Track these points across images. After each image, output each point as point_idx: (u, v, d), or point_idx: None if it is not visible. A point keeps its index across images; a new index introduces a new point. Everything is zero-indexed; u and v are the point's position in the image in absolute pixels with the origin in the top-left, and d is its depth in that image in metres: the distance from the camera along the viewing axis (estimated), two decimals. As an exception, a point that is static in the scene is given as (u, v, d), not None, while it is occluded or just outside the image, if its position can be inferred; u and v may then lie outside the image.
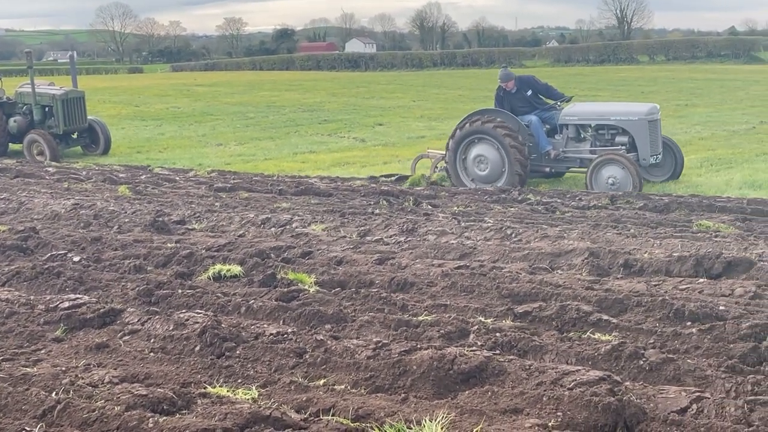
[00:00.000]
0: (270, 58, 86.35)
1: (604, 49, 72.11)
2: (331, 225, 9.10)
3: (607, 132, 13.57)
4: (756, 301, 5.75)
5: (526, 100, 14.20)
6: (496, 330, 5.03)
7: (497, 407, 3.91)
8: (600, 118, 13.65)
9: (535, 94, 14.35)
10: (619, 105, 15.93)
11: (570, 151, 13.77)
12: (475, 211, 10.35)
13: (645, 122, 13.17)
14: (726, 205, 10.48)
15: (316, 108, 32.41)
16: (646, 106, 13.65)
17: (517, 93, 14.18)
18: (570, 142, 13.79)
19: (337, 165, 17.64)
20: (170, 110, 32.62)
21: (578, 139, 13.81)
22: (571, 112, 13.89)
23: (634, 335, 5.03)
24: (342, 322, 5.35)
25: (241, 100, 36.50)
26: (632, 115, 13.35)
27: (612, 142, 13.49)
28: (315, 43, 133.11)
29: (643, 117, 13.21)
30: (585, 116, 13.84)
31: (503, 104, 14.24)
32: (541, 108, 14.22)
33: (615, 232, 8.48)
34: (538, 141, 13.76)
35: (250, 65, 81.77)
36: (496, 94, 14.51)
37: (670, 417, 3.72)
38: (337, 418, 3.81)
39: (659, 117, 13.58)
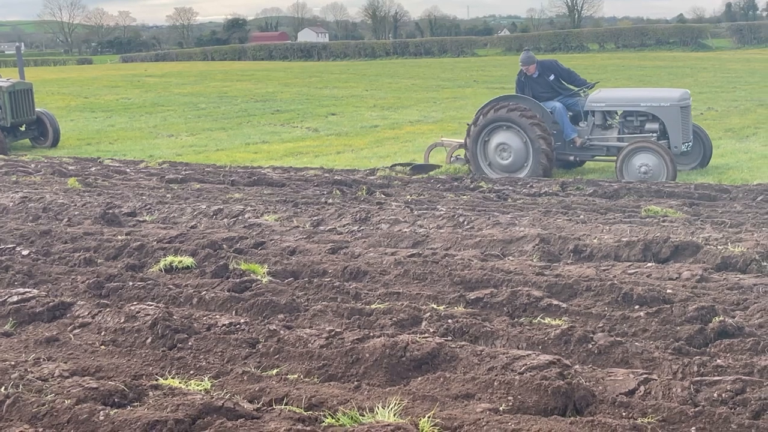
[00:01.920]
0: (221, 48, 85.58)
1: (555, 37, 72.61)
2: (284, 215, 9.08)
3: (636, 119, 13.10)
4: (702, 284, 5.86)
5: (549, 86, 13.68)
6: (448, 317, 5.06)
7: (449, 393, 3.95)
8: (629, 104, 13.16)
9: (558, 80, 13.80)
10: (649, 91, 15.24)
11: (596, 138, 13.28)
12: (427, 200, 10.39)
13: (677, 108, 12.70)
14: (674, 190, 10.64)
15: (268, 98, 32.25)
16: (677, 92, 13.21)
17: (539, 78, 13.65)
18: (596, 130, 13.31)
19: (290, 155, 17.59)
20: (120, 101, 32.24)
21: (604, 127, 13.35)
22: (597, 98, 13.36)
23: (583, 319, 5.10)
24: (295, 312, 5.36)
25: (192, 91, 36.18)
26: (664, 101, 12.84)
27: (641, 129, 13.01)
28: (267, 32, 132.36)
29: (676, 103, 12.74)
30: (613, 102, 13.35)
31: (524, 90, 13.71)
32: (565, 94, 13.71)
33: (565, 218, 8.57)
34: (563, 128, 13.27)
35: (202, 55, 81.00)
36: (517, 79, 13.95)
37: (619, 399, 3.78)
38: (290, 407, 3.81)
39: (690, 103, 13.19)
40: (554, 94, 13.67)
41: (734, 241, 7.02)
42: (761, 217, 8.66)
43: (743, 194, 10.30)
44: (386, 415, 3.64)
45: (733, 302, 5.37)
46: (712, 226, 8.02)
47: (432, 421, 3.56)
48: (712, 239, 7.16)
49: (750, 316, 5.06)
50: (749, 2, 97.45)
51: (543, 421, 3.56)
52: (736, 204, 9.73)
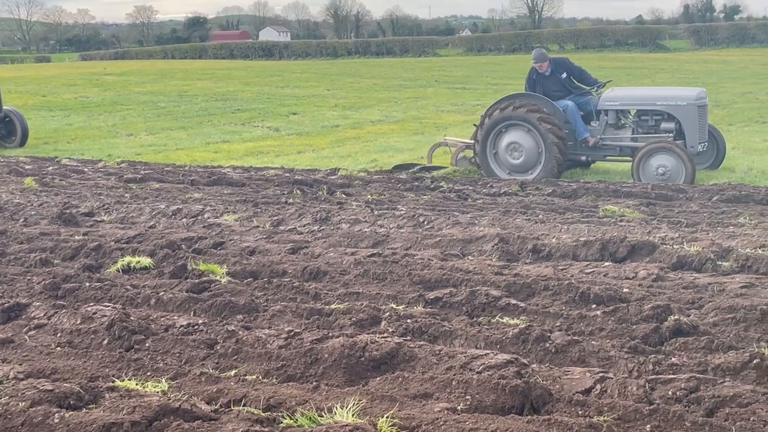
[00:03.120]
0: (182, 46, 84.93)
1: (516, 38, 73.07)
2: (244, 215, 9.04)
3: (651, 118, 12.83)
4: (658, 283, 5.93)
5: (561, 84, 13.39)
6: (408, 316, 5.07)
7: (407, 392, 3.96)
8: (645, 103, 12.88)
9: (569, 78, 13.52)
10: (665, 90, 15.13)
11: (609, 138, 13.00)
12: (388, 199, 10.41)
13: (694, 108, 12.43)
14: (631, 190, 10.76)
15: (229, 97, 32.08)
16: (694, 91, 12.93)
17: (551, 76, 13.36)
18: (608, 129, 13.03)
19: (250, 154, 17.52)
20: (79, 100, 31.88)
21: (618, 126, 13.10)
22: (611, 97, 13.09)
23: (541, 318, 5.14)
24: (254, 312, 5.34)
25: (152, 89, 35.88)
26: (681, 100, 12.57)
27: (657, 128, 12.75)
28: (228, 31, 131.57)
29: (693, 102, 12.47)
30: (628, 101, 13.08)
31: (535, 88, 13.43)
32: (576, 93, 13.45)
33: (524, 218, 8.63)
34: (575, 127, 12.98)
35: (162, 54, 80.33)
36: (527, 76, 13.66)
37: (575, 397, 3.82)
38: (248, 409, 3.79)
39: (707, 102, 12.95)
40: (566, 92, 13.40)
41: (690, 240, 7.12)
42: (716, 217, 8.79)
43: (699, 194, 10.44)
44: (344, 416, 3.63)
45: (688, 301, 5.44)
46: (669, 225, 8.13)
47: (390, 421, 3.56)
48: (668, 239, 7.25)
49: (705, 314, 5.13)
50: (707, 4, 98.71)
51: (500, 420, 3.58)
52: (693, 204, 9.87)
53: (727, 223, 8.35)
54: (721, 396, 3.73)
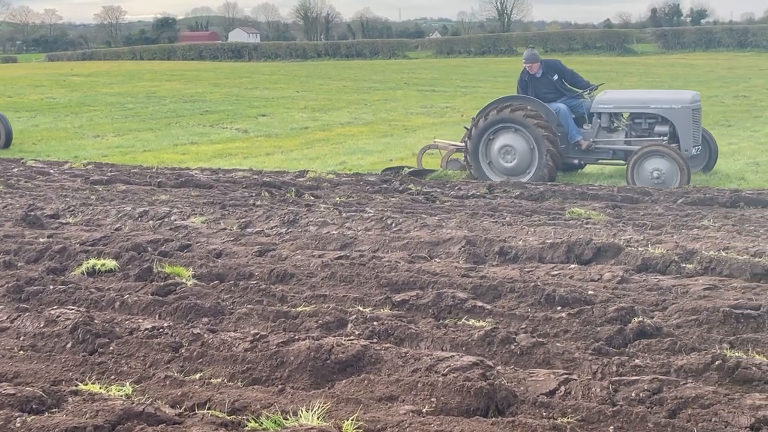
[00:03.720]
0: (150, 47, 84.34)
1: (485, 41, 73.26)
2: (211, 217, 9.00)
3: (645, 121, 12.76)
4: (623, 285, 5.98)
5: (553, 86, 13.31)
6: (374, 319, 5.07)
7: (373, 395, 3.96)
8: (638, 106, 12.85)
9: (561, 80, 13.45)
10: (658, 92, 15.07)
11: (602, 141, 12.92)
12: (356, 202, 10.41)
13: (689, 111, 12.39)
14: (597, 192, 10.85)
15: (197, 98, 31.92)
16: (688, 94, 12.94)
17: (543, 78, 13.29)
18: (601, 132, 12.94)
19: (218, 156, 17.46)
20: (45, 101, 31.56)
21: (611, 129, 13.00)
22: (605, 100, 13.04)
23: (507, 321, 5.16)
24: (220, 315, 5.31)
25: (119, 91, 35.61)
26: (675, 102, 12.53)
27: (650, 131, 12.68)
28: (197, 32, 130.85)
29: (687, 105, 12.43)
30: (621, 104, 13.04)
31: (527, 90, 13.33)
32: (569, 95, 13.38)
33: (491, 220, 8.67)
34: (568, 130, 12.91)
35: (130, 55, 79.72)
36: (519, 78, 13.58)
37: (540, 399, 3.84)
38: (212, 412, 3.78)
39: (701, 105, 12.92)
40: (558, 94, 13.32)
41: (654, 242, 7.18)
42: (681, 220, 8.88)
43: (664, 197, 10.54)
44: (310, 419, 3.63)
45: (652, 303, 5.49)
46: (634, 228, 8.20)
47: (355, 424, 3.56)
48: (633, 241, 7.32)
49: (668, 316, 5.18)
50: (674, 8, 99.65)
51: (465, 422, 3.60)
52: (658, 206, 9.96)
53: (692, 225, 8.45)
54: (684, 397, 3.76)
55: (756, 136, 17.03)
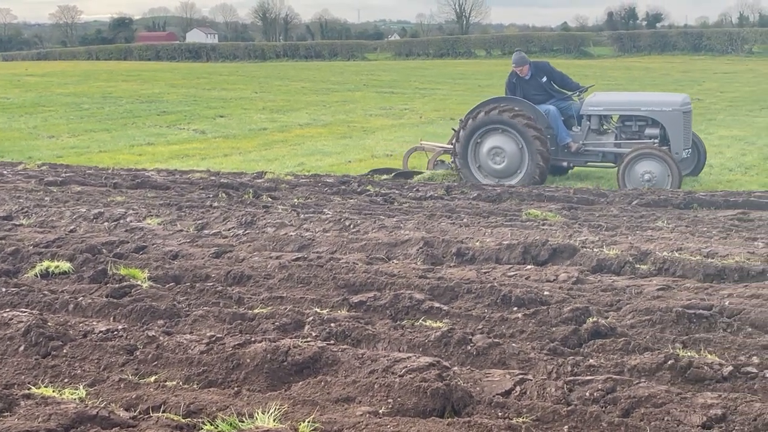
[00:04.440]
0: (107, 47, 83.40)
1: (444, 43, 73.53)
2: (168, 218, 8.93)
3: (635, 123, 12.68)
4: (578, 286, 6.04)
5: (542, 88, 13.21)
6: (331, 320, 5.07)
7: (330, 396, 3.96)
8: (629, 108, 12.76)
9: (550, 82, 13.34)
10: (648, 95, 15.04)
11: (591, 143, 12.84)
12: (314, 203, 10.39)
13: (680, 113, 12.32)
14: (554, 194, 10.94)
15: (154, 99, 31.64)
16: (679, 97, 12.84)
17: (532, 80, 13.19)
18: (591, 134, 12.86)
19: (175, 157, 17.32)
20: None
21: (600, 131, 12.92)
22: (595, 102, 12.96)
23: (463, 321, 5.19)
24: (175, 318, 5.28)
25: (75, 91, 35.17)
26: (666, 105, 12.47)
27: (641, 134, 12.60)
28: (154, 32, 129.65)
29: (678, 108, 12.36)
30: (612, 106, 12.96)
31: (515, 92, 13.22)
32: (558, 97, 13.29)
33: (449, 221, 8.70)
34: (557, 132, 12.78)
35: (86, 55, 78.80)
36: (507, 80, 13.50)
37: (495, 399, 3.86)
38: (167, 415, 3.75)
39: (691, 108, 12.85)
40: (547, 96, 13.23)
41: (609, 243, 7.26)
42: (636, 221, 8.98)
43: (620, 198, 10.66)
44: (266, 421, 3.62)
45: (606, 303, 5.55)
46: (589, 229, 8.28)
47: (312, 425, 3.56)
48: (588, 242, 7.39)
49: (622, 316, 5.24)
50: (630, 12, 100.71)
51: (421, 422, 3.61)
52: (613, 208, 10.06)
53: (646, 226, 8.55)
54: (637, 396, 3.81)
55: (710, 138, 17.27)
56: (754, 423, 3.57)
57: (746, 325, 4.99)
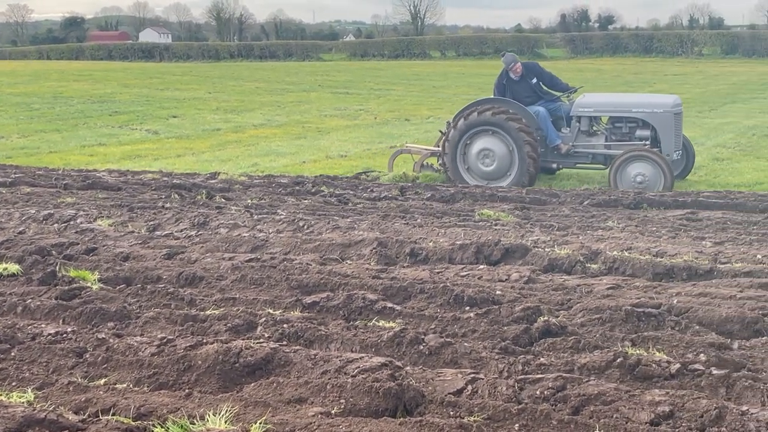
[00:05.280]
0: (58, 47, 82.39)
1: (399, 44, 73.69)
2: (119, 220, 8.84)
3: (626, 125, 12.60)
4: (530, 285, 6.09)
5: (531, 89, 13.09)
6: (284, 321, 5.06)
7: (282, 398, 3.95)
8: (620, 110, 12.66)
9: (539, 84, 13.22)
10: (640, 96, 14.95)
11: (581, 145, 12.72)
12: (268, 204, 10.35)
13: (671, 115, 12.25)
14: (507, 194, 11.01)
15: (106, 99, 31.29)
16: (670, 98, 12.78)
17: (521, 81, 13.07)
18: (580, 136, 12.75)
19: (127, 158, 17.14)
20: (-54, 101, 30.54)
21: (590, 133, 12.81)
22: (585, 103, 12.85)
23: (416, 321, 5.20)
24: (126, 320, 5.22)
25: (25, 91, 34.65)
26: (657, 107, 12.39)
27: (631, 136, 12.52)
28: (106, 32, 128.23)
29: (669, 110, 12.29)
30: (602, 108, 12.84)
31: (505, 93, 13.08)
32: (547, 98, 13.17)
33: (403, 222, 8.72)
34: (547, 134, 12.64)
35: (37, 54, 77.77)
36: (497, 81, 13.34)
37: (447, 398, 3.88)
38: (117, 418, 3.71)
39: (682, 109, 12.81)
40: (536, 98, 13.11)
41: (561, 243, 7.33)
42: (587, 221, 9.08)
43: (571, 198, 10.76)
44: (217, 422, 3.60)
45: (557, 302, 5.60)
46: (541, 229, 8.35)
47: (263, 427, 3.55)
48: (540, 242, 7.45)
49: (573, 315, 5.29)
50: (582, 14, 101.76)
51: (374, 422, 3.62)
52: (565, 208, 10.15)
53: (597, 226, 8.64)
54: (587, 394, 3.85)
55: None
56: (700, 419, 3.63)
57: (694, 323, 5.07)
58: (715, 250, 7.10)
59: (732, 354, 4.55)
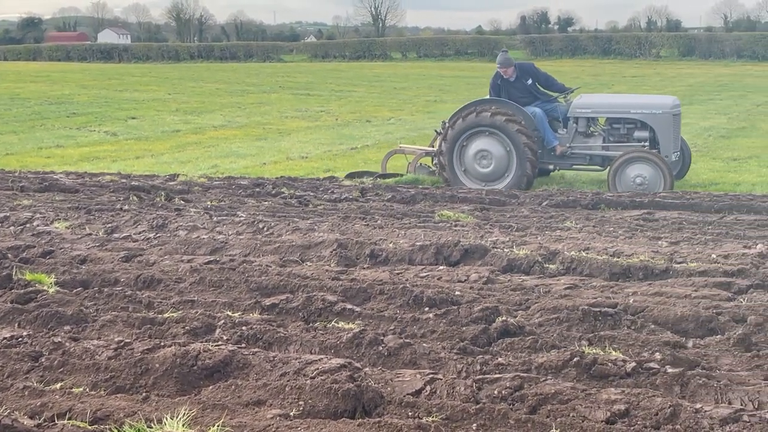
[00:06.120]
0: (15, 47, 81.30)
1: (360, 45, 73.67)
2: (76, 222, 8.75)
3: (623, 126, 12.41)
4: (488, 286, 6.13)
5: (527, 90, 12.86)
6: (243, 323, 5.04)
7: (240, 400, 3.94)
8: (618, 111, 12.49)
9: (535, 84, 12.99)
10: (637, 97, 14.77)
11: (578, 146, 12.50)
12: (228, 206, 10.30)
13: (670, 116, 12.10)
14: (467, 195, 11.06)
15: (64, 100, 30.94)
16: (669, 99, 12.63)
17: (517, 82, 12.82)
18: (577, 137, 12.51)
19: (85, 160, 16.97)
20: None
21: (587, 134, 12.60)
22: (582, 104, 12.64)
23: (375, 322, 5.21)
24: (83, 323, 5.18)
25: (-20, 92, 34.18)
26: (656, 108, 12.21)
27: (629, 137, 12.36)
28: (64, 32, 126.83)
29: (668, 111, 12.13)
30: (600, 109, 12.67)
31: (500, 94, 12.85)
32: (543, 99, 12.94)
33: (363, 223, 8.73)
34: (544, 135, 12.44)
35: (-7, 55, 76.74)
36: (492, 82, 13.05)
37: (406, 399, 3.89)
38: (73, 422, 3.68)
39: (680, 110, 12.69)
40: (532, 99, 12.89)
41: (519, 244, 7.38)
42: (545, 221, 9.15)
43: (530, 199, 10.83)
44: (174, 426, 3.58)
45: (515, 303, 5.65)
46: (500, 230, 8.40)
47: (221, 430, 3.55)
48: (499, 242, 7.49)
49: (531, 315, 5.34)
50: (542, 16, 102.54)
51: (332, 424, 3.62)
52: (524, 209, 10.22)
53: (555, 227, 8.71)
54: (544, 393, 3.89)
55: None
56: (655, 417, 3.68)
57: (649, 322, 5.14)
58: (670, 249, 7.19)
59: (686, 352, 4.62)
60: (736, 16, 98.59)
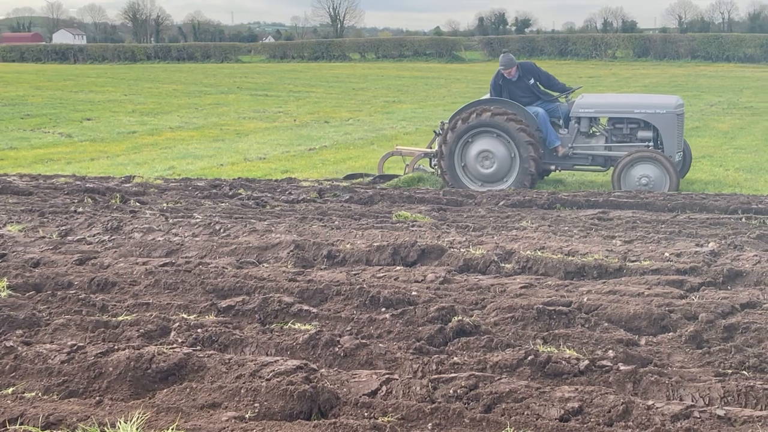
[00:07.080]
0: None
1: (318, 46, 73.54)
2: (30, 225, 8.63)
3: (626, 126, 12.31)
4: (445, 286, 6.15)
5: (529, 90, 12.75)
6: (198, 326, 5.01)
7: (195, 403, 3.92)
8: (622, 110, 12.36)
9: (536, 84, 12.87)
10: (641, 97, 14.66)
11: (580, 147, 12.40)
12: (184, 207, 10.22)
13: (674, 116, 12.03)
14: (424, 196, 11.08)
15: (18, 102, 30.52)
16: (673, 99, 12.51)
17: (518, 81, 12.70)
18: (579, 137, 12.41)
19: (39, 162, 16.75)
20: None
21: (589, 134, 12.52)
22: (585, 104, 12.50)
23: (332, 323, 5.21)
24: (35, 327, 5.11)
25: (-69, 93, 33.61)
26: (660, 108, 12.10)
27: (632, 137, 12.26)
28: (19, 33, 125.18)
29: (672, 110, 12.06)
30: (603, 108, 12.54)
31: (501, 94, 12.74)
32: (544, 99, 12.82)
33: (321, 224, 8.71)
34: (546, 136, 12.30)
35: (-56, 55, 75.42)
36: (493, 81, 12.90)
37: (361, 399, 3.90)
38: (25, 427, 3.64)
39: (684, 110, 12.64)
40: (534, 98, 12.79)
41: (476, 244, 7.42)
42: (502, 221, 9.20)
43: (487, 199, 10.87)
44: (128, 430, 3.56)
45: (472, 302, 5.68)
46: (457, 230, 8.43)
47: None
48: (456, 242, 7.52)
49: (486, 314, 5.37)
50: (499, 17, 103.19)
51: (288, 426, 3.62)
52: (480, 209, 10.26)
53: (511, 226, 8.76)
54: (498, 392, 3.92)
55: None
56: (608, 414, 3.72)
57: (603, 320, 5.20)
58: (624, 248, 7.27)
59: (639, 350, 4.68)
60: (690, 17, 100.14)
